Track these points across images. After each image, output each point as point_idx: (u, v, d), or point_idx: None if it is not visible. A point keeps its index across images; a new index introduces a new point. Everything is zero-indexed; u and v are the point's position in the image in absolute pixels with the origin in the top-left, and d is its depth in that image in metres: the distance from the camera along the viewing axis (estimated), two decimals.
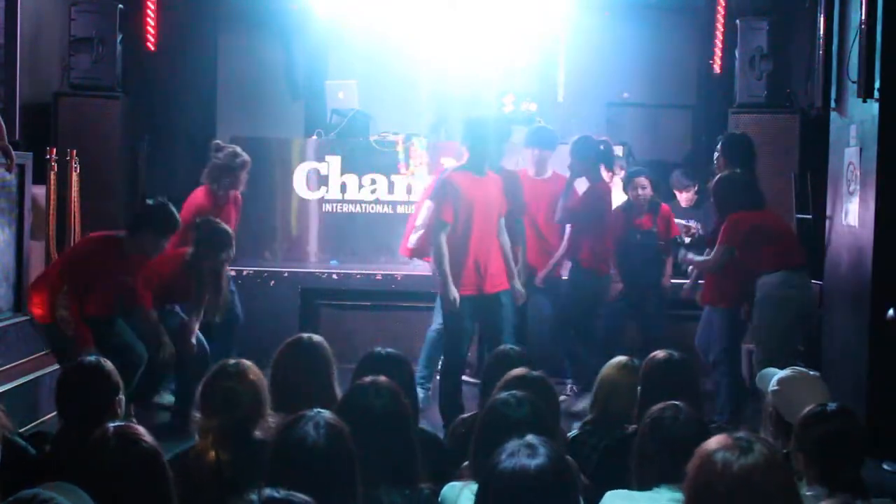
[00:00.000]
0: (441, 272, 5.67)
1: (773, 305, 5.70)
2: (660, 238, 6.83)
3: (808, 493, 2.98)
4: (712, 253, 5.91)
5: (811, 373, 3.70)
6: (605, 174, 6.86)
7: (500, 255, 5.93)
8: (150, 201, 5.84)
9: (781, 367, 3.79)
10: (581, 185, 6.81)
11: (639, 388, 3.71)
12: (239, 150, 6.75)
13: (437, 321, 6.51)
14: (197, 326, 5.88)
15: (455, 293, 5.65)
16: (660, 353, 3.77)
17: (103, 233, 5.86)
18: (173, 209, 5.70)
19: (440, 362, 6.98)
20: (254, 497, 2.01)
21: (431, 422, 5.63)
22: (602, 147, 6.89)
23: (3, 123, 5.72)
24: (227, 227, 6.03)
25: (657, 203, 6.94)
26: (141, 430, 2.68)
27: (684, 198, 8.03)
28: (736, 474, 2.13)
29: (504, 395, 3.04)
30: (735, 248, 5.80)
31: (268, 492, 2.04)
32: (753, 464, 2.13)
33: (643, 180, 6.83)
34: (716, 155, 6.44)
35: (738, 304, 6.06)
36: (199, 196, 6.61)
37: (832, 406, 3.10)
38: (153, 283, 5.73)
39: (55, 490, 2.22)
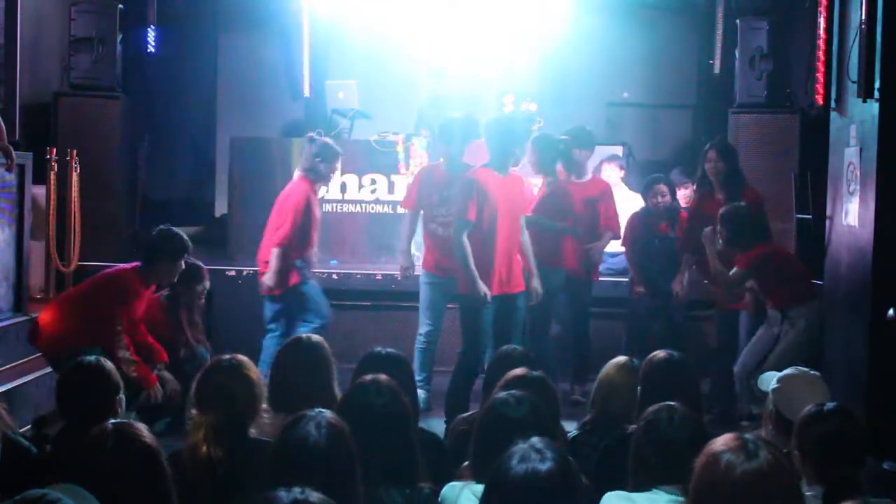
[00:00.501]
0: (468, 271, 5.67)
1: (818, 330, 5.96)
2: (678, 244, 6.81)
3: (807, 494, 2.98)
4: (733, 273, 5.91)
5: (811, 372, 3.72)
6: (560, 174, 6.75)
7: (519, 256, 5.93)
8: (154, 231, 5.71)
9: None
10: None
11: (639, 388, 3.71)
12: (331, 140, 6.81)
13: (424, 325, 6.47)
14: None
15: (485, 289, 5.65)
16: (660, 353, 3.77)
17: (123, 269, 5.66)
18: (178, 231, 5.68)
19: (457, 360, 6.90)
20: (282, 494, 2.02)
21: (432, 424, 5.62)
22: (562, 146, 6.81)
23: (2, 124, 5.72)
24: (198, 262, 6.03)
25: (676, 210, 6.94)
26: (140, 427, 2.67)
27: (683, 195, 8.06)
28: (738, 478, 2.12)
29: (503, 394, 3.03)
30: (754, 275, 5.88)
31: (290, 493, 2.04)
32: (757, 469, 2.12)
33: (663, 187, 6.82)
34: (709, 163, 6.45)
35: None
36: (304, 187, 6.56)
37: (830, 406, 3.10)
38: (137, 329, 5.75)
39: (63, 492, 2.20)
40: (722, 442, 2.21)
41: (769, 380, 3.68)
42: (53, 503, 2.11)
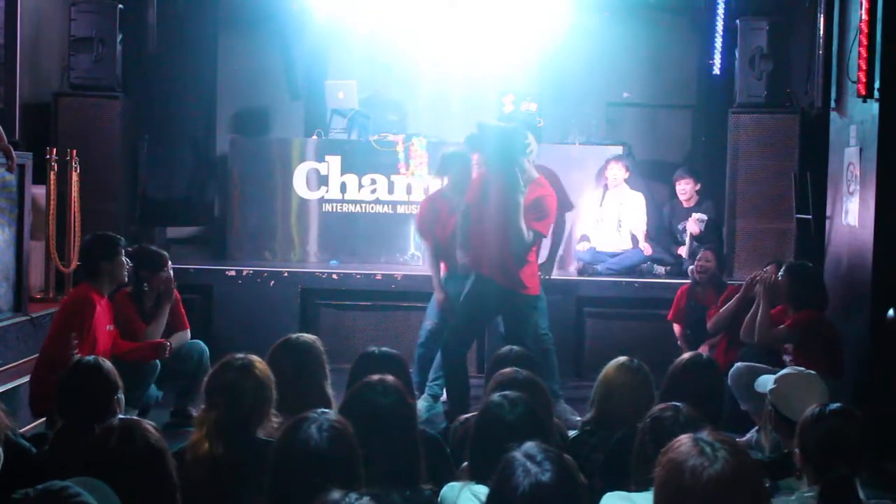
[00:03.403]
0: None
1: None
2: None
3: (807, 494, 2.98)
4: (780, 329, 5.63)
5: (808, 371, 3.74)
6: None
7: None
8: (131, 249, 5.88)
9: None
10: None
11: (661, 388, 3.69)
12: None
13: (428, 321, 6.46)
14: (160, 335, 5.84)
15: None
16: (686, 354, 3.79)
17: (75, 289, 5.78)
18: (105, 232, 5.75)
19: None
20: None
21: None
22: None
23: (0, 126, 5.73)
24: (160, 249, 6.14)
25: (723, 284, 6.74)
26: (146, 424, 2.66)
27: (683, 191, 8.09)
28: (706, 483, 2.08)
29: (496, 396, 3.01)
30: (798, 338, 5.60)
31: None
32: (721, 471, 2.07)
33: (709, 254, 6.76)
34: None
35: None
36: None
37: (833, 406, 3.10)
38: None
39: (82, 486, 2.19)
40: (679, 449, 2.17)
41: (766, 381, 3.69)
42: (74, 497, 2.10)
